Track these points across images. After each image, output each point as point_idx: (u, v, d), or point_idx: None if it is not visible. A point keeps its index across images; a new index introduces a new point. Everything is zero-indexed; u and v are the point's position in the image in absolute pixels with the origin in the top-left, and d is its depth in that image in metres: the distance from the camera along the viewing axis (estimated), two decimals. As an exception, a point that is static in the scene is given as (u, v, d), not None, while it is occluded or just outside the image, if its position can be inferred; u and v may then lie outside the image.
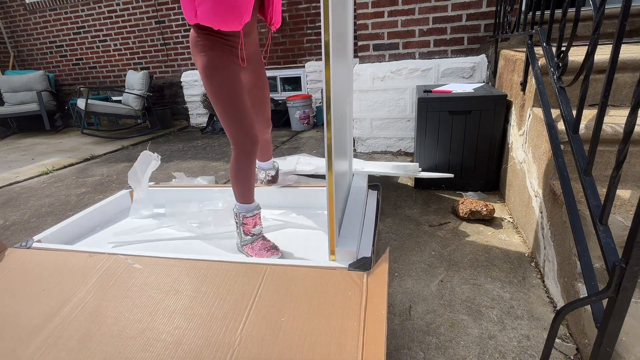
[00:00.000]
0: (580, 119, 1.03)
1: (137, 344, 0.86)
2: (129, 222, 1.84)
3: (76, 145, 4.25)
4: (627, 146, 0.75)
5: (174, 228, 1.66)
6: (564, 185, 1.04)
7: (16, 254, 1.26)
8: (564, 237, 1.09)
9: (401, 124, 2.84)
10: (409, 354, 1.02)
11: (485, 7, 2.49)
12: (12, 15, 5.68)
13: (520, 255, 1.45)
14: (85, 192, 2.63)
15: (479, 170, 2.05)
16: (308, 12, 4.26)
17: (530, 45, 1.53)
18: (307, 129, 4.20)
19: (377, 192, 1.65)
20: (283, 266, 1.04)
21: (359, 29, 2.78)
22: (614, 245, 0.78)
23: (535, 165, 1.42)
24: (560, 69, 1.18)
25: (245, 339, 0.83)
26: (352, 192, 1.75)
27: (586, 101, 1.03)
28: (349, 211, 1.55)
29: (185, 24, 4.82)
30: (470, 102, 1.93)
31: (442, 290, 1.28)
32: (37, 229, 2.04)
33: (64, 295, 1.04)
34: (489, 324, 1.11)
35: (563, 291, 1.10)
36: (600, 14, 0.90)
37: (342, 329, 0.82)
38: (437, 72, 2.64)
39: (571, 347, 0.99)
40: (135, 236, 1.63)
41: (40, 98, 4.84)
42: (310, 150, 3.24)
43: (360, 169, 1.78)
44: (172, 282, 1.03)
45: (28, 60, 5.94)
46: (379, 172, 1.74)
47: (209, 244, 1.53)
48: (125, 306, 0.97)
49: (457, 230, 1.68)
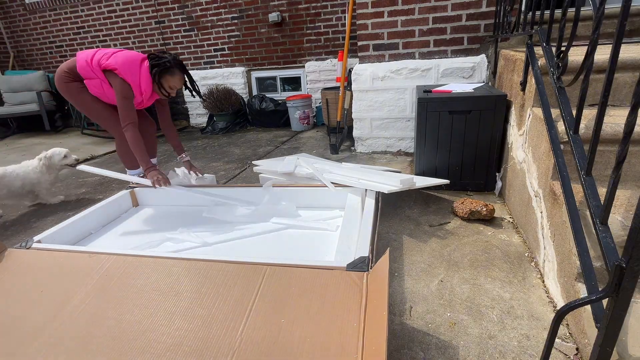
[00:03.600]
0: (580, 118, 1.03)
1: (138, 346, 0.86)
2: (131, 226, 1.84)
3: (76, 146, 4.24)
4: (627, 146, 0.75)
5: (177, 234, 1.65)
6: (564, 185, 1.04)
7: (16, 255, 1.26)
8: (564, 237, 1.09)
9: (401, 124, 2.84)
10: (409, 354, 1.02)
11: (485, 7, 2.49)
12: (12, 15, 5.67)
13: (520, 255, 1.45)
14: (85, 192, 2.63)
15: (479, 170, 2.04)
16: (308, 12, 4.26)
17: (530, 45, 1.53)
18: (307, 129, 4.20)
19: (377, 192, 1.65)
20: (283, 266, 1.04)
21: (359, 29, 2.77)
22: (614, 245, 0.78)
23: (535, 165, 1.42)
24: (560, 69, 1.18)
25: (245, 341, 0.83)
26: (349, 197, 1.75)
27: (586, 101, 1.03)
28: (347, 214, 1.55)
29: (185, 24, 4.82)
30: (470, 102, 1.93)
31: (442, 290, 1.28)
32: (37, 229, 2.04)
33: (64, 296, 1.04)
34: (489, 324, 1.11)
35: (563, 291, 1.10)
36: (600, 13, 0.90)
37: (342, 330, 0.82)
38: (437, 72, 2.64)
39: (571, 347, 0.99)
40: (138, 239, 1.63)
41: (40, 98, 4.84)
42: (310, 150, 3.24)
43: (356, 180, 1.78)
44: (173, 283, 1.03)
45: (28, 60, 5.94)
46: (373, 187, 1.68)
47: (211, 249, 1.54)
48: (125, 307, 0.97)
49: (457, 230, 1.68)
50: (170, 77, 2.04)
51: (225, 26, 4.65)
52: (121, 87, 1.96)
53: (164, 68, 2.01)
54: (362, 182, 1.74)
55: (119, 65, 1.96)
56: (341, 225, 1.44)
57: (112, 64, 1.97)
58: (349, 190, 1.77)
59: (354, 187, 1.75)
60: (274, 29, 4.45)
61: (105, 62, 1.98)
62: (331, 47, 4.34)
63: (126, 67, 1.97)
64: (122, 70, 1.96)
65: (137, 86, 2.02)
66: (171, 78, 2.05)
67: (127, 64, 1.98)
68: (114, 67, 1.96)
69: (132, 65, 1.99)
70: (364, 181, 1.75)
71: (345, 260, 1.05)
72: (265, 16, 4.42)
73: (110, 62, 1.97)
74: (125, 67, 1.97)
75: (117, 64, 1.96)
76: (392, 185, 1.65)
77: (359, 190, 1.74)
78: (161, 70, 2.01)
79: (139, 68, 2.00)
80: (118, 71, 1.96)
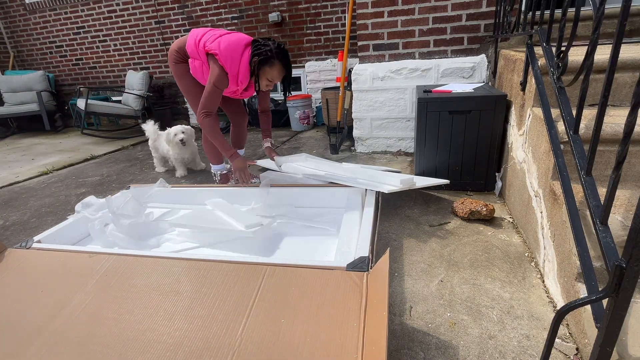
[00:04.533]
0: (580, 118, 1.03)
1: (138, 346, 0.86)
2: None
3: (76, 146, 4.24)
4: (627, 146, 0.75)
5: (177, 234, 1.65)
6: (564, 185, 1.04)
7: (16, 255, 1.26)
8: (564, 237, 1.09)
9: (401, 123, 2.84)
10: (409, 354, 1.02)
11: (485, 7, 2.49)
12: (12, 15, 5.67)
13: (520, 255, 1.45)
14: (85, 192, 2.63)
15: (479, 170, 2.04)
16: (308, 12, 4.26)
17: (530, 45, 1.53)
18: (307, 128, 4.20)
19: (377, 192, 1.65)
20: (283, 266, 1.04)
21: (359, 29, 2.77)
22: (614, 245, 0.78)
23: (535, 165, 1.42)
24: (560, 69, 1.18)
25: (245, 341, 0.83)
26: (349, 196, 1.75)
27: (586, 101, 1.03)
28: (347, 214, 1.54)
29: (185, 24, 4.83)
30: (470, 102, 1.93)
31: (442, 290, 1.28)
32: (37, 229, 2.04)
33: (64, 296, 1.04)
34: (489, 324, 1.11)
35: (563, 291, 1.10)
36: (600, 13, 0.90)
37: (342, 330, 0.82)
38: (437, 72, 2.64)
39: (571, 347, 0.99)
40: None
41: (40, 98, 4.84)
42: (310, 150, 3.24)
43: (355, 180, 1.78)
44: (173, 283, 1.03)
45: (28, 60, 5.94)
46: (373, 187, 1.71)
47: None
48: (125, 307, 0.97)
49: (457, 230, 1.68)
50: (269, 68, 1.82)
51: (225, 26, 4.65)
52: (216, 74, 1.83)
53: (263, 58, 1.79)
54: (362, 182, 1.74)
55: (220, 51, 1.80)
56: (341, 225, 1.44)
57: (214, 49, 1.82)
58: (349, 190, 1.77)
59: (355, 187, 1.75)
60: (274, 29, 4.45)
61: (209, 45, 1.84)
62: (331, 47, 4.34)
63: (228, 54, 1.81)
64: (223, 57, 1.81)
65: (234, 76, 1.86)
66: (269, 70, 1.82)
67: (229, 50, 1.81)
68: (215, 53, 1.82)
69: (235, 53, 1.82)
70: (364, 181, 1.75)
71: (345, 260, 1.05)
72: (265, 16, 4.42)
73: (214, 46, 1.82)
74: (227, 54, 1.81)
75: (219, 50, 1.80)
76: (392, 185, 1.65)
77: (359, 190, 1.74)
78: (260, 60, 1.80)
79: (240, 56, 1.83)
80: (219, 57, 1.81)
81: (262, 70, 1.83)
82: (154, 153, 2.94)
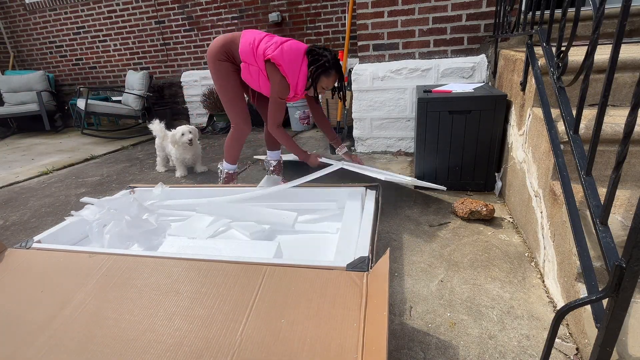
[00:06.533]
0: (580, 118, 1.03)
1: (138, 346, 0.86)
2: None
3: (76, 146, 4.25)
4: (627, 146, 0.75)
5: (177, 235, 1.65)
6: (564, 185, 1.04)
7: (16, 255, 1.26)
8: (564, 237, 1.09)
9: (401, 124, 2.84)
10: (409, 354, 1.02)
11: (485, 7, 2.49)
12: (12, 15, 5.67)
13: (520, 255, 1.45)
14: (85, 192, 2.63)
15: (478, 170, 2.04)
16: (308, 12, 4.26)
17: (530, 45, 1.53)
18: (307, 129, 4.20)
19: (377, 192, 1.65)
20: (283, 266, 1.04)
21: (359, 29, 2.77)
22: (614, 245, 0.78)
23: (535, 165, 1.42)
24: (560, 69, 1.18)
25: (245, 341, 0.83)
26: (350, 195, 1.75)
27: (586, 101, 1.03)
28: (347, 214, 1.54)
29: (185, 24, 4.82)
30: (470, 102, 1.93)
31: (442, 290, 1.28)
32: (37, 229, 2.04)
33: (64, 296, 1.04)
34: (489, 324, 1.11)
35: (563, 291, 1.10)
36: (600, 13, 0.90)
37: (342, 330, 0.82)
38: (437, 72, 2.64)
39: (571, 347, 0.99)
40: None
41: (40, 98, 4.84)
42: (310, 150, 3.24)
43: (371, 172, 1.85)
44: (173, 283, 1.03)
45: (28, 60, 5.94)
46: (378, 176, 1.80)
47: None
48: (125, 307, 0.97)
49: (457, 230, 1.68)
50: (325, 78, 1.90)
51: (225, 26, 4.65)
52: (280, 86, 1.86)
53: (323, 69, 1.87)
54: (378, 174, 1.82)
55: (284, 62, 1.81)
56: (341, 225, 1.44)
57: (277, 58, 1.81)
58: (349, 190, 1.77)
59: (372, 177, 1.82)
60: (274, 29, 4.45)
61: (271, 53, 1.81)
62: (331, 47, 4.34)
63: (290, 64, 1.83)
64: (286, 67, 1.82)
65: (294, 85, 1.91)
66: (326, 79, 1.90)
67: (291, 61, 1.83)
68: (279, 63, 1.82)
69: (296, 62, 1.85)
70: (378, 175, 1.82)
71: (345, 260, 1.05)
72: (265, 16, 4.42)
73: (276, 54, 1.81)
74: (289, 63, 1.83)
75: (282, 60, 1.81)
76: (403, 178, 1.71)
77: (359, 190, 1.74)
78: (319, 70, 1.87)
79: (300, 66, 1.86)
80: (282, 68, 1.83)
81: (319, 79, 1.90)
82: (159, 152, 2.95)
